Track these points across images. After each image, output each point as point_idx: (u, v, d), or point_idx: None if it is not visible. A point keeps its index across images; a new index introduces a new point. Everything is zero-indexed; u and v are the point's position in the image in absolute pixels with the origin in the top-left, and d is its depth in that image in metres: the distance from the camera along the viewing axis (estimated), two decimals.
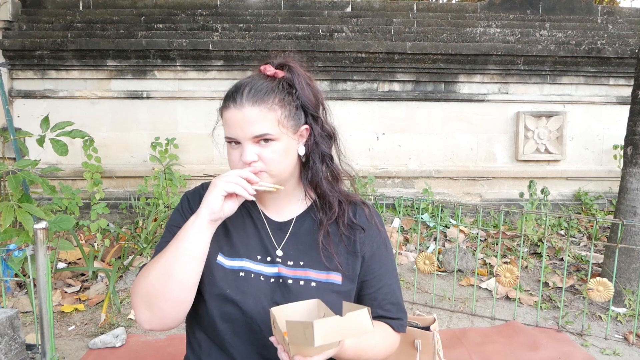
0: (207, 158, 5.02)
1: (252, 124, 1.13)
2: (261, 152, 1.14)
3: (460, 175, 5.18)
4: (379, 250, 1.28)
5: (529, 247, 4.30)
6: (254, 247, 1.23)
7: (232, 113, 1.15)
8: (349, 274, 1.23)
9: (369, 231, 1.28)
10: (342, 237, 1.24)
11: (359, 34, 5.00)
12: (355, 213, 1.29)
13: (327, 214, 1.25)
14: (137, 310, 1.14)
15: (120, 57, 4.75)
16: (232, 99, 1.16)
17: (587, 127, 5.25)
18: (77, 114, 4.69)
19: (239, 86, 1.18)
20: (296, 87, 1.20)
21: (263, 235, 1.25)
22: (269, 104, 1.14)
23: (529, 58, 4.93)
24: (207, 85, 4.94)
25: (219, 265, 1.20)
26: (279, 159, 1.16)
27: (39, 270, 2.03)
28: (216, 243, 1.21)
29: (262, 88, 1.16)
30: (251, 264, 1.20)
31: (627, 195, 3.35)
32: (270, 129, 1.13)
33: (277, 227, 1.26)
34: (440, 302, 3.36)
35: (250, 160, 1.13)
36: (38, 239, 2.00)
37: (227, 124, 1.17)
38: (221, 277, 1.18)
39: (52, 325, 2.11)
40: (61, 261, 3.78)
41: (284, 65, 1.23)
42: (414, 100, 5.08)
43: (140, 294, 1.13)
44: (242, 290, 1.17)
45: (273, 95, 1.15)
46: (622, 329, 3.04)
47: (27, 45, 4.61)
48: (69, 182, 4.70)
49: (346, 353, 1.11)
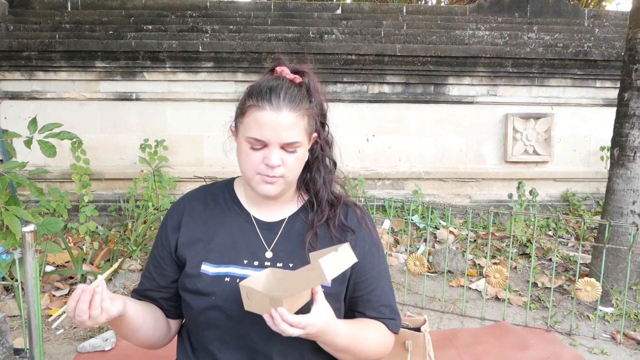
0: (197, 160, 5.00)
1: (287, 130, 1.12)
2: (285, 157, 1.14)
3: (450, 177, 5.21)
4: (370, 252, 1.28)
5: (518, 248, 4.33)
6: (240, 252, 1.22)
7: (267, 115, 1.11)
8: (338, 277, 1.22)
9: (359, 233, 1.28)
10: (332, 238, 1.24)
11: (349, 36, 5.01)
12: (347, 215, 1.29)
13: (319, 215, 1.25)
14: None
15: (109, 58, 4.71)
16: (267, 100, 1.12)
17: (574, 129, 5.31)
18: (66, 115, 4.65)
19: (272, 87, 1.13)
20: (313, 96, 1.21)
21: (252, 238, 1.24)
22: (301, 112, 1.14)
23: (517, 60, 4.97)
24: (196, 87, 4.92)
25: (204, 274, 1.19)
26: (298, 166, 1.18)
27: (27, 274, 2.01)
28: (200, 253, 1.22)
29: (296, 95, 1.15)
30: (237, 269, 1.20)
31: (614, 196, 3.39)
32: (300, 137, 1.15)
33: (267, 227, 1.26)
34: (430, 303, 3.37)
35: (277, 164, 1.13)
36: (26, 242, 1.98)
37: (258, 125, 1.12)
38: (206, 286, 1.18)
39: (41, 329, 2.09)
40: (49, 264, 3.74)
41: (300, 71, 1.23)
42: (403, 102, 5.10)
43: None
44: (227, 295, 1.16)
45: (304, 103, 1.16)
46: (610, 328, 3.07)
47: (14, 46, 4.56)
48: (57, 184, 4.65)
49: (340, 338, 1.12)
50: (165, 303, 1.31)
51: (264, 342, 1.16)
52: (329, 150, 1.29)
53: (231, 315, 1.15)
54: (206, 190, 1.34)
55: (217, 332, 1.18)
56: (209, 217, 1.27)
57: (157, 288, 1.29)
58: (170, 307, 1.31)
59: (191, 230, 1.26)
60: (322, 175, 1.27)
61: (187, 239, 1.25)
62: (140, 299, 1.31)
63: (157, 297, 1.30)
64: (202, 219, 1.27)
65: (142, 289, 1.32)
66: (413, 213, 4.79)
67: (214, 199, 1.31)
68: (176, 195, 4.73)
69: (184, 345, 1.29)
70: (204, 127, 4.94)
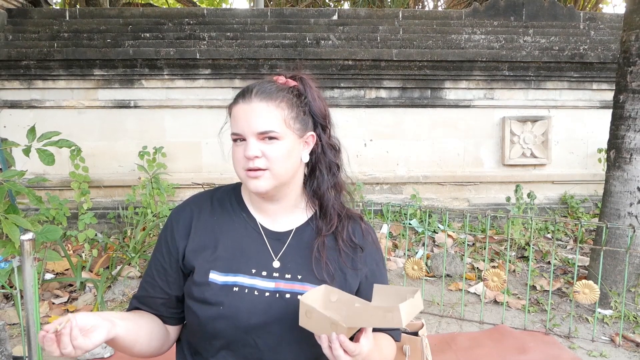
0: (196, 166, 5.02)
1: (258, 117, 1.14)
2: (265, 149, 1.14)
3: (447, 181, 5.22)
4: (378, 269, 1.31)
5: (516, 251, 4.34)
6: (249, 261, 1.21)
7: (239, 107, 1.17)
8: (346, 290, 1.22)
9: (367, 250, 1.29)
10: (340, 252, 1.25)
11: (345, 41, 5.03)
12: (354, 230, 1.30)
13: (327, 225, 1.26)
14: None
15: (107, 66, 4.74)
16: (241, 96, 1.18)
17: (571, 132, 5.32)
18: (65, 123, 4.67)
19: (248, 86, 1.20)
20: (306, 95, 1.23)
21: (260, 247, 1.23)
22: (276, 102, 1.16)
23: (514, 64, 4.99)
24: (194, 94, 4.94)
25: (212, 282, 1.18)
26: (282, 158, 1.15)
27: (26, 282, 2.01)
28: (208, 261, 1.20)
29: (271, 88, 1.19)
30: (245, 278, 1.18)
31: (611, 198, 3.40)
32: (276, 126, 1.14)
33: (275, 237, 1.25)
34: (429, 307, 3.38)
35: (253, 155, 1.13)
36: (25, 250, 1.99)
37: (234, 120, 1.18)
38: (214, 295, 1.16)
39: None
40: (49, 272, 3.75)
41: (295, 77, 1.26)
42: (401, 106, 5.12)
43: None
44: (235, 305, 1.15)
45: (282, 95, 1.18)
46: (609, 330, 3.08)
47: (13, 56, 4.58)
48: (56, 192, 4.67)
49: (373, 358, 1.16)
50: (167, 310, 1.28)
51: (271, 352, 1.16)
52: (333, 154, 1.28)
53: (239, 325, 1.14)
54: (212, 195, 1.32)
55: (224, 342, 1.17)
56: (215, 224, 1.25)
57: (161, 294, 1.26)
58: (171, 314, 1.29)
59: (199, 237, 1.24)
60: (325, 179, 1.26)
61: (195, 246, 1.23)
62: (139, 305, 1.29)
63: (159, 304, 1.27)
64: (209, 225, 1.25)
65: (144, 295, 1.28)
66: (411, 217, 4.80)
67: (220, 205, 1.29)
68: (175, 201, 4.74)
69: (183, 353, 1.29)
70: (202, 133, 4.95)
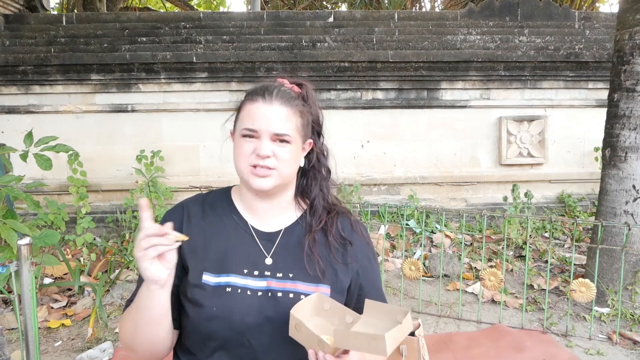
0: (193, 170, 5.03)
1: (278, 121, 1.17)
2: (276, 150, 1.18)
3: (445, 181, 5.24)
4: (370, 265, 1.33)
5: (513, 250, 4.35)
6: (240, 261, 1.22)
7: (259, 106, 1.18)
8: (338, 287, 1.24)
9: (356, 244, 1.31)
10: (330, 248, 1.27)
11: (341, 43, 5.05)
12: (343, 225, 1.32)
13: (316, 221, 1.29)
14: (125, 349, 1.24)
15: (104, 71, 4.75)
16: (260, 95, 1.19)
17: (568, 131, 5.34)
18: (62, 128, 4.68)
19: (267, 86, 1.22)
20: (310, 104, 1.28)
21: (251, 247, 1.25)
22: (294, 109, 1.21)
23: (509, 64, 5.01)
24: (191, 97, 4.96)
25: (205, 284, 1.19)
26: (290, 160, 1.21)
27: (23, 287, 2.02)
28: (200, 263, 1.21)
29: (290, 93, 1.23)
30: (238, 278, 1.20)
31: (607, 197, 3.41)
32: (291, 131, 1.19)
33: (266, 237, 1.27)
34: (427, 307, 3.39)
35: (266, 154, 1.16)
36: (22, 255, 2.00)
37: (250, 116, 1.19)
38: (207, 296, 1.17)
39: (38, 341, 2.10)
40: (47, 276, 3.76)
41: (301, 85, 1.30)
42: (397, 107, 5.14)
43: (121, 339, 1.24)
44: (228, 306, 1.16)
45: (297, 103, 1.22)
46: (606, 328, 3.09)
47: (10, 61, 4.60)
48: (54, 197, 4.67)
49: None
50: None
51: (265, 352, 1.17)
52: (324, 159, 1.34)
53: (233, 325, 1.16)
54: (204, 199, 1.34)
55: (218, 342, 1.18)
56: (207, 226, 1.27)
57: None
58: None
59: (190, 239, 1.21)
60: (318, 182, 1.31)
61: (187, 248, 1.23)
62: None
63: None
64: (200, 227, 1.27)
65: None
66: (409, 218, 4.81)
67: (212, 208, 1.31)
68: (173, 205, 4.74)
69: (178, 356, 1.28)
70: (199, 137, 4.97)
